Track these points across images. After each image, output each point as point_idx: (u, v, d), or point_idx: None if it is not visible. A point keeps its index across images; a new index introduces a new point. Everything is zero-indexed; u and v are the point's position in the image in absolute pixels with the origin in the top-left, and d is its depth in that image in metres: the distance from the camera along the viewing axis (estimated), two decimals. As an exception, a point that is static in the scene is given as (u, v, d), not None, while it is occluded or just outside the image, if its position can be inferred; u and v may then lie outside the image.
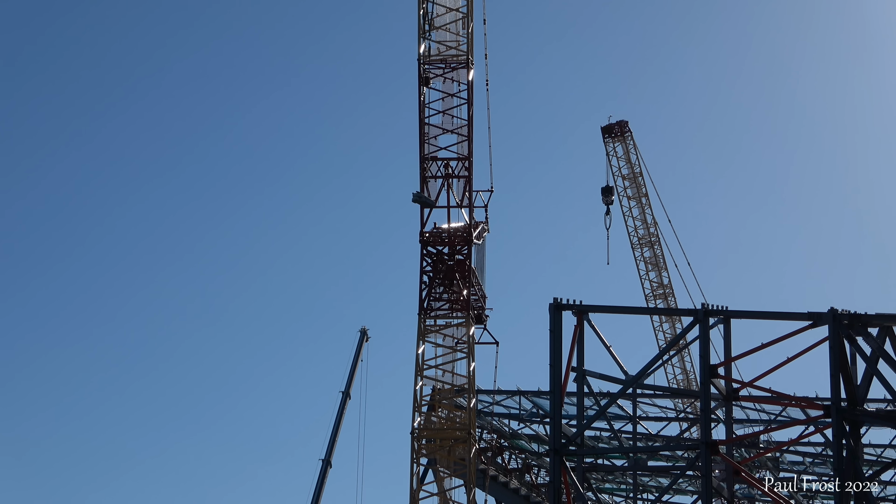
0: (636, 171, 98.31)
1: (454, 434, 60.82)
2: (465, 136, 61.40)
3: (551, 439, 39.62)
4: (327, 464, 79.66)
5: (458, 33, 61.82)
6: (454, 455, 60.66)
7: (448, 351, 61.54)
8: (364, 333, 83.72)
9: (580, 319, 39.92)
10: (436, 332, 61.62)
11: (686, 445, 50.66)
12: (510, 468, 66.38)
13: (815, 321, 36.70)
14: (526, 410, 65.82)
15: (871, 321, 36.13)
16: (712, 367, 38.26)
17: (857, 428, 36.51)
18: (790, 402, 43.24)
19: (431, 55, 61.36)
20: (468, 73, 61.07)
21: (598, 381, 40.92)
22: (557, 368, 39.40)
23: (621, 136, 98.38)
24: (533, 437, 66.03)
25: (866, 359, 36.19)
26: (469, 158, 61.37)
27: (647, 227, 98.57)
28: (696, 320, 38.54)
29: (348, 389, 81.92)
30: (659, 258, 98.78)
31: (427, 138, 61.60)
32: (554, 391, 39.54)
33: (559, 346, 39.54)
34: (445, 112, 61.75)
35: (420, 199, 61.11)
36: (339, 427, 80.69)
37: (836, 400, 36.01)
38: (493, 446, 65.83)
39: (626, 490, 63.64)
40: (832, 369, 36.16)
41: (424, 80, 61.21)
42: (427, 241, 61.13)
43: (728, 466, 38.56)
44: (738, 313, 39.52)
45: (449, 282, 61.16)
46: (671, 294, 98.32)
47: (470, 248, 61.17)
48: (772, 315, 38.61)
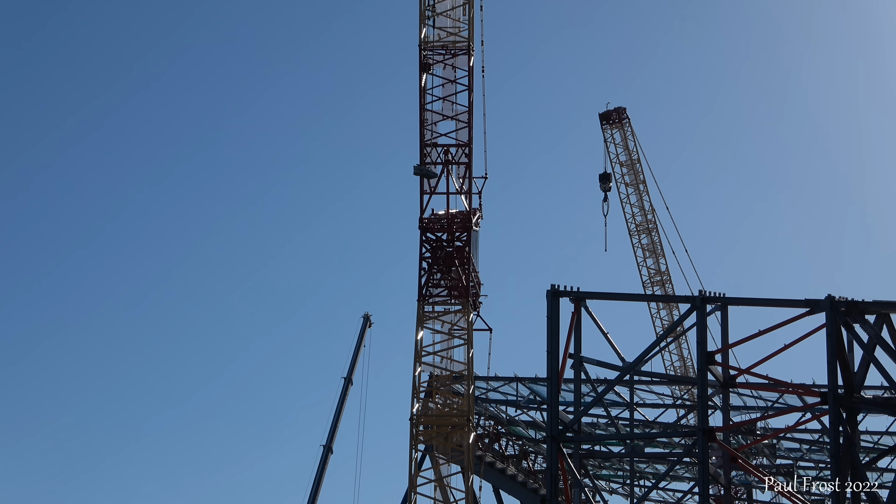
0: (634, 158, 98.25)
1: (451, 420, 60.88)
2: (465, 122, 61.37)
3: (548, 426, 39.73)
4: (328, 450, 79.60)
5: (459, 20, 61.80)
6: (451, 441, 60.74)
7: (446, 337, 61.61)
8: (367, 319, 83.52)
9: (577, 306, 40.03)
10: (434, 318, 61.68)
11: (683, 432, 50.83)
12: (507, 455, 66.44)
13: (813, 308, 36.79)
14: (523, 397, 65.80)
15: (869, 308, 36.22)
16: (709, 354, 38.34)
17: (853, 415, 36.60)
18: (787, 389, 43.30)
19: (432, 41, 61.32)
20: (469, 60, 61.04)
21: (596, 367, 41.07)
22: (555, 355, 39.50)
23: (619, 122, 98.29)
24: (530, 423, 66.03)
25: (863, 346, 36.27)
26: (469, 145, 61.34)
27: (645, 213, 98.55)
28: (694, 307, 38.63)
29: (350, 375, 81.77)
30: (656, 245, 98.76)
31: (427, 125, 61.59)
32: (551, 378, 39.64)
33: (556, 333, 39.63)
34: (446, 98, 61.75)
35: (421, 171, 61.12)
36: (341, 413, 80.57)
37: (833, 387, 36.09)
38: (490, 433, 65.88)
39: (622, 477, 63.68)
40: (829, 356, 36.24)
41: (425, 66, 61.17)
42: (426, 228, 61.13)
43: (725, 453, 38.63)
44: (735, 300, 39.59)
45: (447, 268, 61.15)
46: (668, 281, 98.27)
47: (469, 235, 61.14)
48: (769, 302, 38.71)
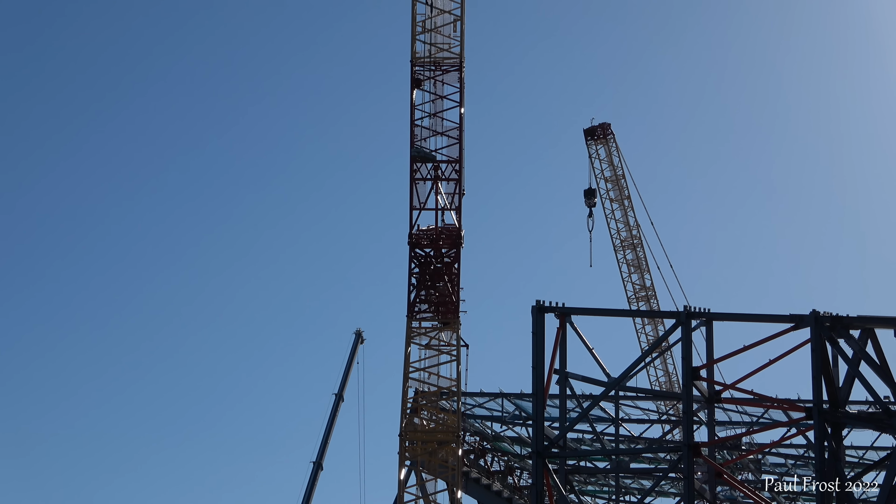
0: (619, 174, 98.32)
1: (437, 437, 60.78)
2: (456, 139, 61.34)
3: (534, 441, 39.69)
4: (318, 466, 79.30)
5: (451, 36, 61.82)
6: (437, 458, 60.63)
7: (434, 353, 61.55)
8: (359, 335, 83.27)
9: (563, 322, 40.02)
10: (422, 334, 61.62)
11: (668, 448, 50.74)
12: (492, 470, 66.34)
13: (797, 323, 36.80)
14: (508, 413, 65.78)
15: (853, 323, 36.25)
16: (694, 370, 38.36)
17: (838, 430, 36.60)
18: (772, 404, 43.39)
19: (423, 57, 61.35)
20: (460, 76, 61.08)
21: (581, 383, 41.04)
22: (540, 370, 39.48)
23: (604, 138, 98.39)
24: (515, 439, 65.97)
25: (848, 361, 36.29)
26: (459, 161, 61.31)
27: (630, 229, 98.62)
28: (679, 322, 38.64)
29: (341, 392, 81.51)
30: (641, 260, 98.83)
31: (417, 140, 61.58)
32: (536, 393, 39.60)
33: (542, 349, 39.62)
34: (436, 115, 61.74)
35: (420, 153, 61.16)
36: (332, 430, 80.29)
37: (818, 402, 36.10)
38: (475, 448, 65.79)
39: (608, 492, 63.62)
40: (814, 371, 36.25)
41: (416, 81, 61.19)
42: (414, 243, 61.09)
43: (710, 468, 38.63)
44: (720, 315, 39.61)
45: (433, 284, 61.09)
46: (654, 296, 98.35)
47: (458, 252, 61.09)
48: (754, 317, 38.72)
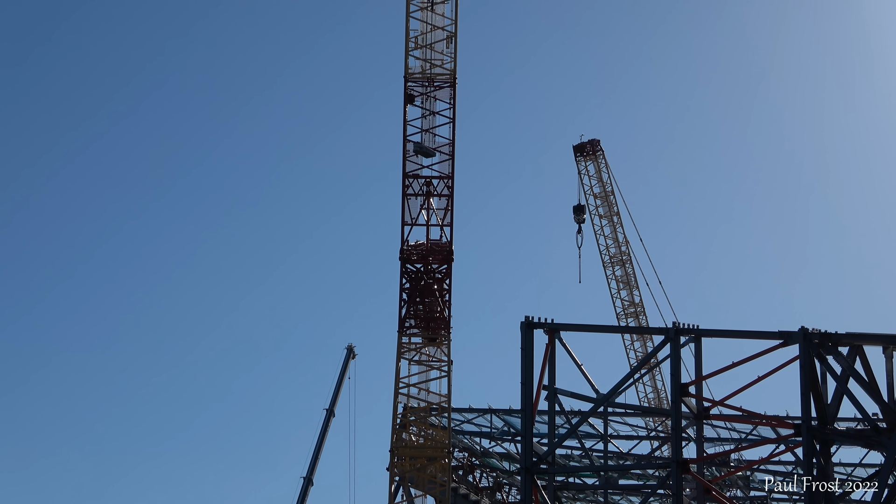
0: (608, 190, 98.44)
1: (426, 452, 60.74)
2: (448, 154, 61.48)
3: (522, 458, 39.66)
4: (308, 481, 79.12)
5: (444, 52, 61.93)
6: (426, 473, 60.57)
7: (424, 369, 61.62)
8: (350, 350, 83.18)
9: (551, 338, 40.00)
10: (412, 350, 61.62)
11: (657, 464, 50.75)
12: (481, 487, 66.25)
13: (786, 340, 36.80)
14: (497, 429, 65.75)
15: (842, 340, 36.25)
16: (683, 386, 38.34)
17: (827, 447, 36.59)
18: (761, 421, 43.38)
19: (417, 73, 61.44)
20: (453, 92, 61.16)
21: (570, 399, 41.01)
22: (529, 386, 39.45)
23: (593, 154, 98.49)
24: (504, 455, 65.92)
25: (837, 378, 36.27)
26: (451, 177, 61.41)
27: (619, 245, 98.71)
28: (668, 339, 38.64)
29: (332, 407, 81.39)
30: (630, 277, 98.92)
31: (409, 155, 61.67)
32: (525, 409, 39.58)
33: (530, 365, 39.59)
34: (429, 130, 61.81)
35: (421, 148, 61.21)
36: (323, 444, 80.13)
37: (806, 419, 36.10)
38: (464, 464, 65.72)
39: (597, 508, 63.58)
40: (803, 388, 36.23)
41: (409, 97, 61.27)
42: (405, 259, 61.11)
43: (699, 485, 38.60)
44: (708, 332, 39.61)
45: (423, 300, 61.11)
46: (642, 312, 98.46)
47: (449, 267, 61.11)
48: (743, 334, 38.75)
